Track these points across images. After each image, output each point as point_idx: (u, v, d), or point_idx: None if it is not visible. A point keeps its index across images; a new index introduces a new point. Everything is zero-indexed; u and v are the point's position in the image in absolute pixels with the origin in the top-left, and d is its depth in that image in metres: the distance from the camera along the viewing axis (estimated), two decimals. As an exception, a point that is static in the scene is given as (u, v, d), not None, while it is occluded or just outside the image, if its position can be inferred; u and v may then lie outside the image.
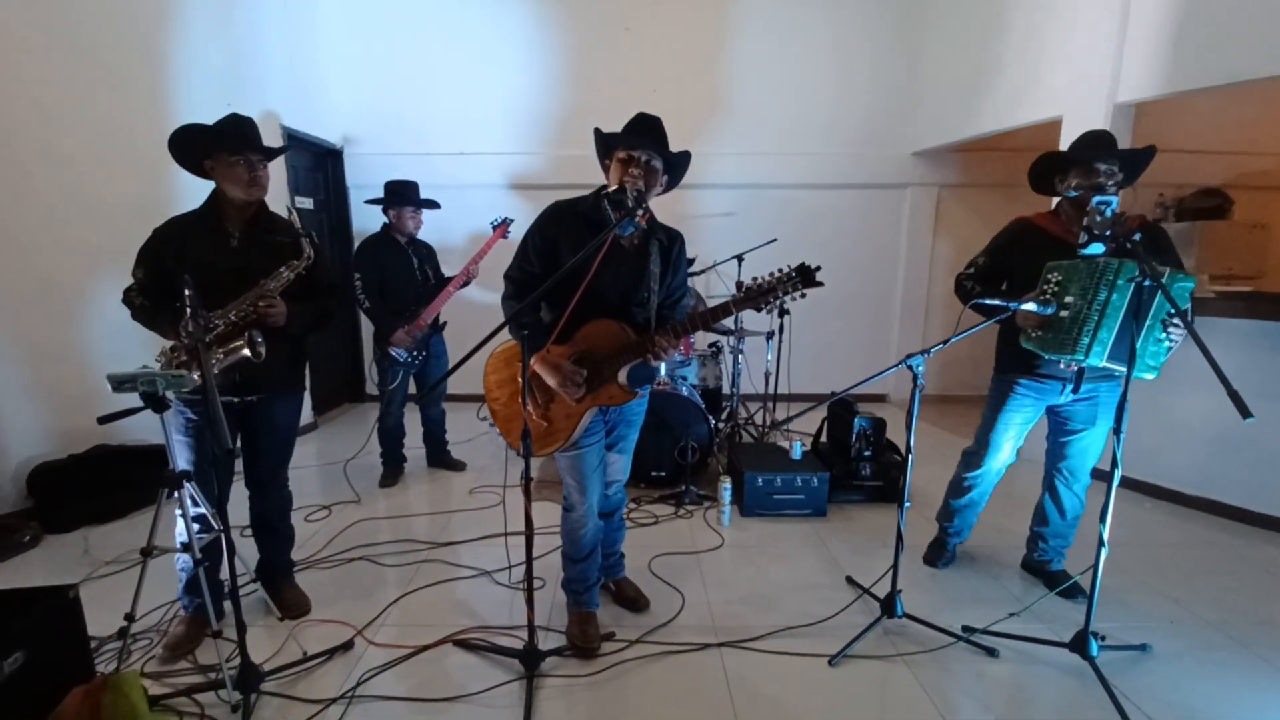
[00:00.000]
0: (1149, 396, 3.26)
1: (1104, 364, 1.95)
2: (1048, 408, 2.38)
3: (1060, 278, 2.05)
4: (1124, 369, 1.90)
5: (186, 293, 1.67)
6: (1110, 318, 1.92)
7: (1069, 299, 1.98)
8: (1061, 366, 2.20)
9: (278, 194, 4.27)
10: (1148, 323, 1.89)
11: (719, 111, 5.24)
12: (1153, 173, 4.97)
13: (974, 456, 2.52)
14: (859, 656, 2.08)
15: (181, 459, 1.98)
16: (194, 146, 1.98)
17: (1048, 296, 2.04)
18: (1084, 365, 2.06)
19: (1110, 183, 2.12)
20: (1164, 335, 1.93)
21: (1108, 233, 1.84)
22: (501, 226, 3.75)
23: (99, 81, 3.17)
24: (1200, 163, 5.05)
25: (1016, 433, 2.42)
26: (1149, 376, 1.96)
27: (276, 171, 4.30)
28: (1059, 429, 2.41)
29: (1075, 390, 2.25)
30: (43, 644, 1.61)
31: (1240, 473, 3.16)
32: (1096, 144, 2.19)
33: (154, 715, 1.64)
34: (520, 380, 1.81)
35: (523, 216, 2.76)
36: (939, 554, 2.68)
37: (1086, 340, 1.92)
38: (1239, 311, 3.09)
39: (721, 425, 4.13)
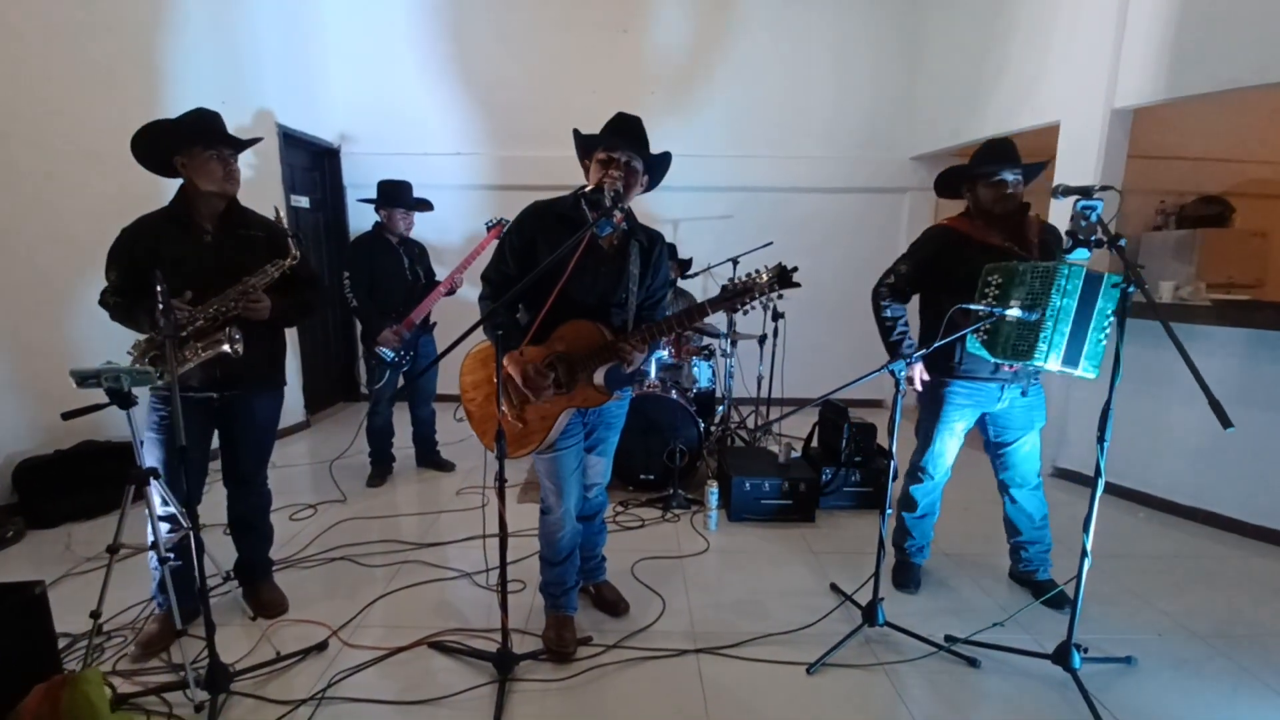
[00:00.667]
0: (1142, 404, 3.23)
1: (1059, 368, 1.96)
2: (985, 415, 2.38)
3: (1001, 280, 2.05)
4: (1073, 371, 1.94)
5: (158, 289, 1.65)
6: (1063, 322, 1.92)
7: (1013, 303, 1.98)
8: (1005, 369, 2.22)
9: (272, 192, 4.28)
10: (1092, 323, 1.92)
11: (717, 113, 5.22)
12: (1152, 179, 4.98)
13: (919, 470, 2.48)
14: (838, 665, 2.05)
15: (151, 456, 1.97)
16: (162, 143, 1.96)
17: (990, 300, 2.05)
18: (1039, 369, 2.08)
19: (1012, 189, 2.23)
20: (1102, 335, 1.95)
21: (1093, 238, 1.82)
22: (496, 227, 3.73)
23: (92, 79, 3.18)
24: (1201, 170, 5.02)
25: (958, 440, 2.42)
26: (1091, 375, 1.97)
27: (271, 169, 4.34)
28: (998, 440, 2.41)
29: (1024, 393, 2.30)
30: (7, 641, 1.60)
31: (1236, 483, 3.10)
32: (1000, 156, 2.23)
33: (118, 714, 1.62)
34: (495, 381, 1.79)
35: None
36: (908, 576, 2.56)
37: (1044, 346, 1.92)
38: (1237, 320, 3.04)
39: (712, 429, 4.11)
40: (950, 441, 2.40)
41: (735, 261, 4.38)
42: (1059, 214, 3.60)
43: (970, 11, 4.57)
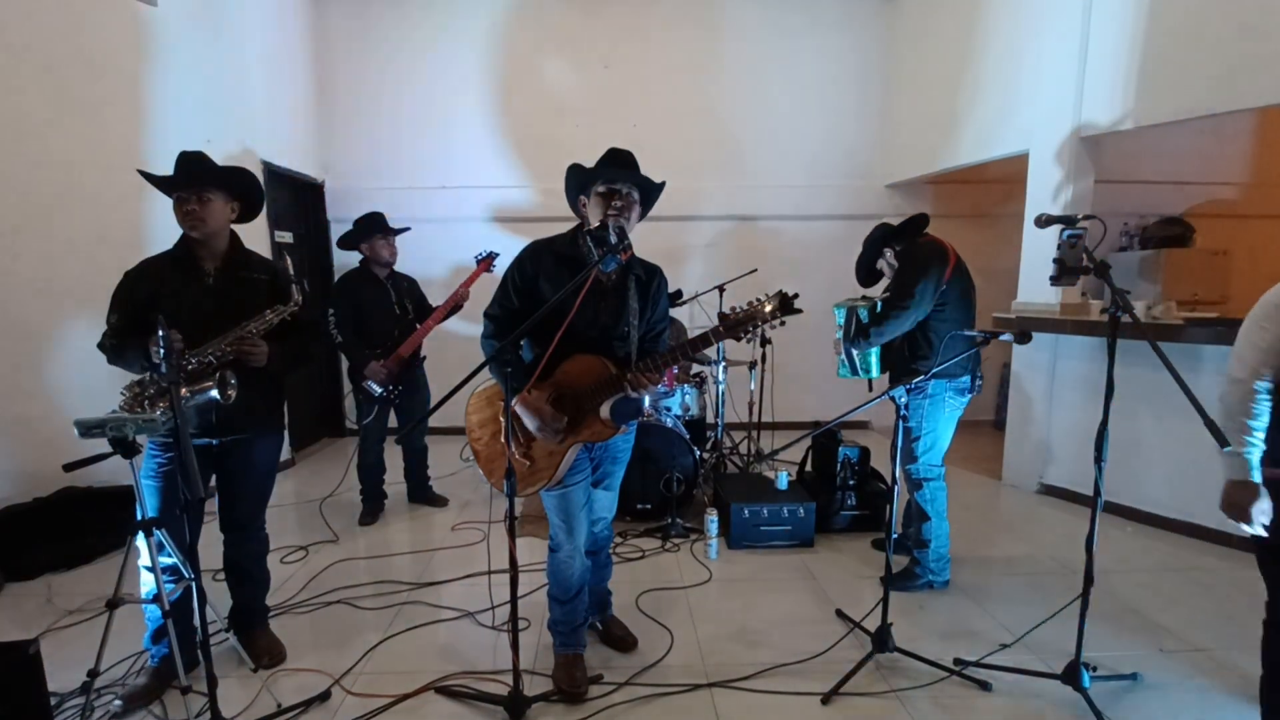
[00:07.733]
0: (1119, 420, 3.31)
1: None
2: None
3: None
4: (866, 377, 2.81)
5: (160, 334, 1.63)
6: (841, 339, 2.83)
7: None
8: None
9: (257, 227, 4.23)
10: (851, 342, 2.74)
11: (698, 145, 5.33)
12: (1115, 202, 5.17)
13: None
14: (852, 694, 2.04)
15: (148, 502, 1.91)
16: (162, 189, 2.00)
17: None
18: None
19: None
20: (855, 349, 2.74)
21: (1079, 264, 1.90)
22: (485, 260, 3.70)
23: (75, 119, 3.14)
24: (1162, 193, 5.23)
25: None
26: (850, 377, 2.88)
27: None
28: None
29: (869, 388, 2.88)
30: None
31: (1217, 496, 3.18)
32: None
33: (117, 778, 1.55)
34: (502, 420, 1.78)
35: (506, 249, 2.75)
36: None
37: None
38: (1209, 338, 3.15)
39: (706, 456, 4.11)
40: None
41: (722, 289, 4.44)
42: (1040, 242, 3.74)
43: (941, 44, 4.75)
